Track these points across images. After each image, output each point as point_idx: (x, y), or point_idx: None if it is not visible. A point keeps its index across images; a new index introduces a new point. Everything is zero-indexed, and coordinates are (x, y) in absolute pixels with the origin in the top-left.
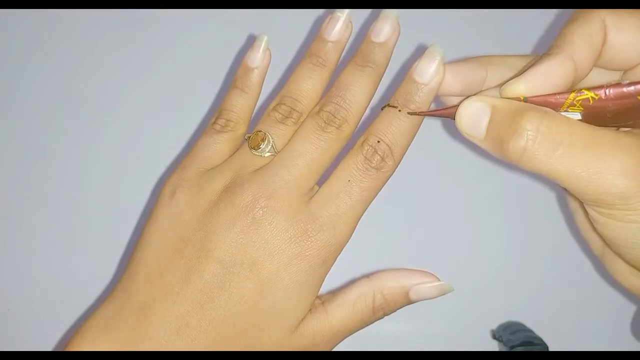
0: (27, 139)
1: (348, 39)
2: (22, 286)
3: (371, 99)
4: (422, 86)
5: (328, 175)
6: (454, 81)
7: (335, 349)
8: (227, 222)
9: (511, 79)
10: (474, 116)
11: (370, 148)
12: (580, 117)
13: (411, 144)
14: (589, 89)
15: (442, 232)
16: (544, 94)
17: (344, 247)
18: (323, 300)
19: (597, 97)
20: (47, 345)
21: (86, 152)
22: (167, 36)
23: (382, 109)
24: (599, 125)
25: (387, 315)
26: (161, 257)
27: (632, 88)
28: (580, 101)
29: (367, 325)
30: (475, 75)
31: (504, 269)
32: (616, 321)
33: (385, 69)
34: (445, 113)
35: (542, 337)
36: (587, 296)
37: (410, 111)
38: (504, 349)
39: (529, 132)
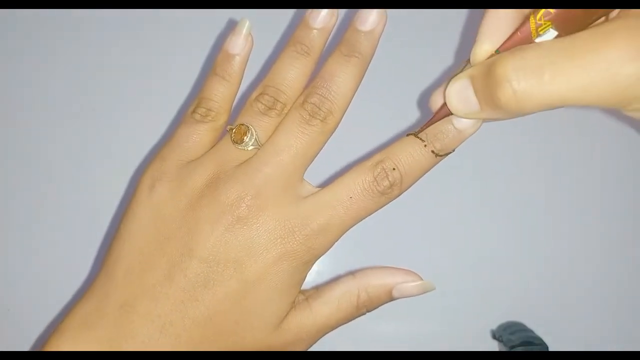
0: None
1: (333, 27)
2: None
3: (356, 90)
4: (457, 132)
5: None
6: None
7: (333, 349)
8: (211, 220)
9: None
10: (460, 95)
11: (383, 172)
12: (557, 34)
13: None
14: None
15: (442, 232)
16: (507, 38)
17: (325, 253)
18: (307, 295)
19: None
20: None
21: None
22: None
23: (407, 135)
24: (581, 30)
25: (369, 312)
26: (141, 254)
27: None
28: (543, 17)
29: (349, 322)
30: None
31: (504, 269)
32: (616, 321)
33: (371, 59)
34: (440, 114)
35: (542, 337)
36: (587, 296)
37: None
38: (504, 349)
39: (508, 75)
